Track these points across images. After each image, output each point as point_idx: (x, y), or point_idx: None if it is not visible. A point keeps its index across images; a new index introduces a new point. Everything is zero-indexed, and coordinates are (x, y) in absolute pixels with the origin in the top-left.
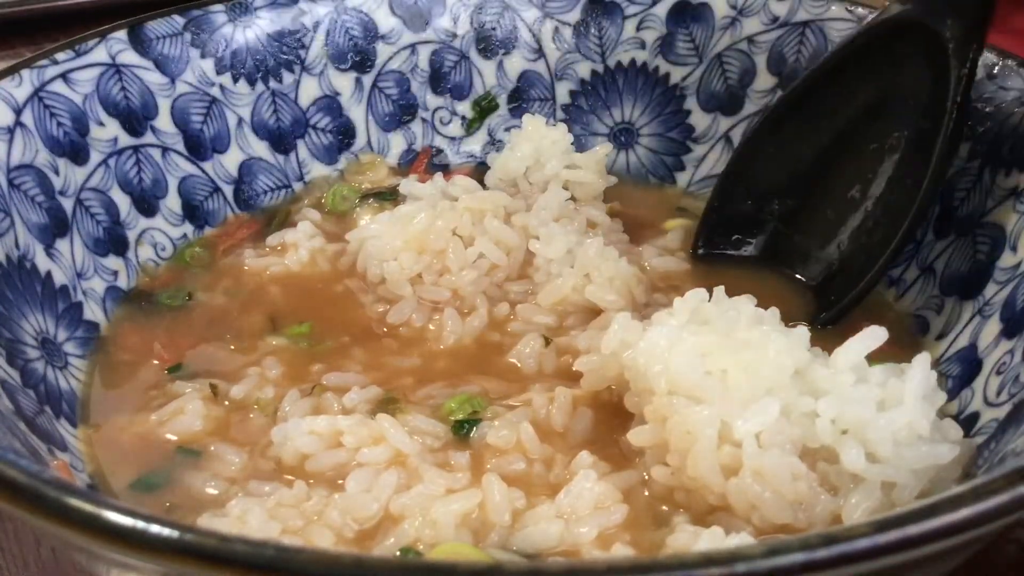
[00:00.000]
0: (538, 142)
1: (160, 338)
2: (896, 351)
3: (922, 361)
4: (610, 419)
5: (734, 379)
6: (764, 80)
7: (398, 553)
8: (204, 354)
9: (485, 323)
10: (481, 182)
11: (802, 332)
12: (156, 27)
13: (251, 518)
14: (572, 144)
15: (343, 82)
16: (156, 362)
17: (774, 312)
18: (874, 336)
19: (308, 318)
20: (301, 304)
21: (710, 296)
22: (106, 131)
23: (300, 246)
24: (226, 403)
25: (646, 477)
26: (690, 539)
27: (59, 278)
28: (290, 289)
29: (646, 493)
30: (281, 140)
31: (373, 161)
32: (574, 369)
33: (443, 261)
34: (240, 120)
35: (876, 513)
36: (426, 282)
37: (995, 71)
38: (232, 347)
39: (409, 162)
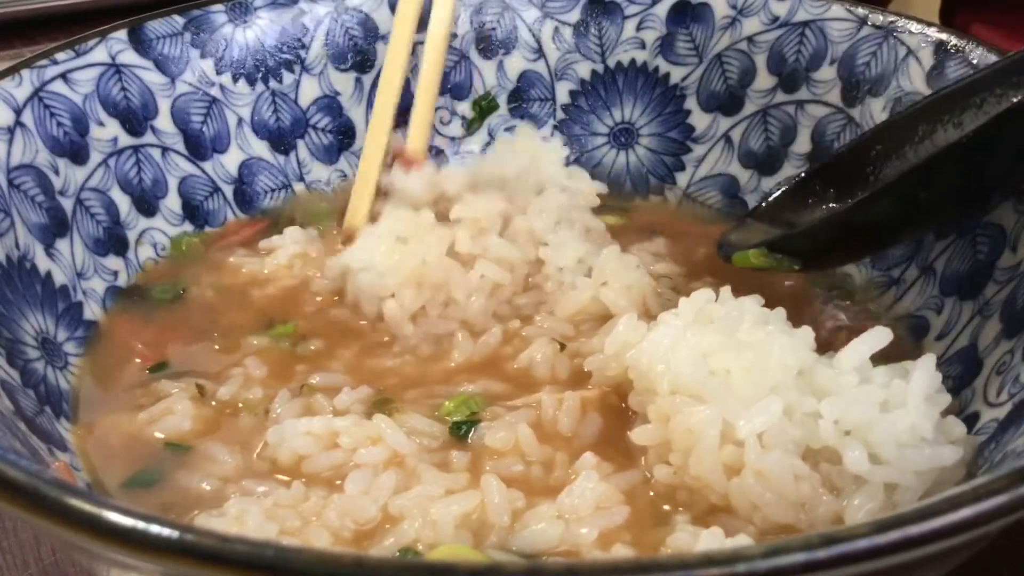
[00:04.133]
0: (532, 152)
1: (146, 335)
2: (896, 351)
3: (926, 362)
4: (614, 419)
5: (737, 379)
6: (764, 80)
7: (397, 554)
8: (189, 353)
9: (499, 340)
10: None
11: (806, 332)
12: (156, 27)
13: (248, 519)
14: (566, 156)
15: (343, 82)
16: (138, 360)
17: (780, 312)
18: (879, 337)
19: (295, 319)
20: (289, 308)
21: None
22: (106, 131)
23: (289, 253)
24: (213, 403)
25: (648, 476)
26: (690, 539)
27: (59, 278)
28: (278, 294)
29: (651, 494)
30: (281, 140)
31: None
32: (585, 369)
33: (446, 292)
34: (240, 120)
35: (878, 515)
36: (431, 315)
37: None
38: (216, 347)
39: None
